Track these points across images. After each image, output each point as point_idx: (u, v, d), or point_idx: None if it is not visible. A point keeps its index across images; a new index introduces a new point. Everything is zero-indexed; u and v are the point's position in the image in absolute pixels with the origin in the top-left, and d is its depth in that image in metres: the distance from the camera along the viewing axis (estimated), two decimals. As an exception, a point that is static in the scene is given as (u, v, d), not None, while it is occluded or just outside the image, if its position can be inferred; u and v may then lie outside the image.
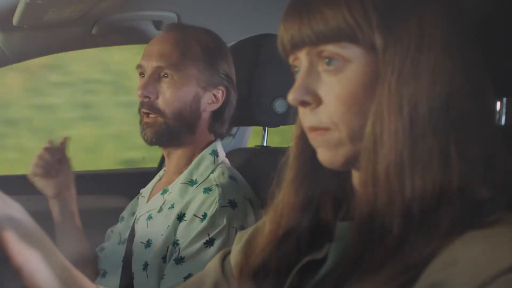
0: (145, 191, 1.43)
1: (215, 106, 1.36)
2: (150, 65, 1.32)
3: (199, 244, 1.20)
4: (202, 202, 1.23)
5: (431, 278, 0.58)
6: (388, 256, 0.61)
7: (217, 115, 1.38)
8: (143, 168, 2.09)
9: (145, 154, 2.11)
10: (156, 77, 1.31)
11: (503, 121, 0.93)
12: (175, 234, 1.24)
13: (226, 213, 1.22)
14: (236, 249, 0.86)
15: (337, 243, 0.72)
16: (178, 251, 1.21)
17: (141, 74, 1.35)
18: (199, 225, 1.21)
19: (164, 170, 1.44)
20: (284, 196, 0.76)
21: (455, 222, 0.60)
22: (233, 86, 1.38)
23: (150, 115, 1.32)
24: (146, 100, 1.31)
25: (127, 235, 1.37)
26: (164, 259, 1.24)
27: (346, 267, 0.65)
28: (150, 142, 1.33)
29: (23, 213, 0.72)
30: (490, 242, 0.57)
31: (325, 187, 0.75)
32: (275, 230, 0.76)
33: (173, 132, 1.32)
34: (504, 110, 0.93)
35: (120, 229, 1.44)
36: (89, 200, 1.81)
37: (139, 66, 1.34)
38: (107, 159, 3.92)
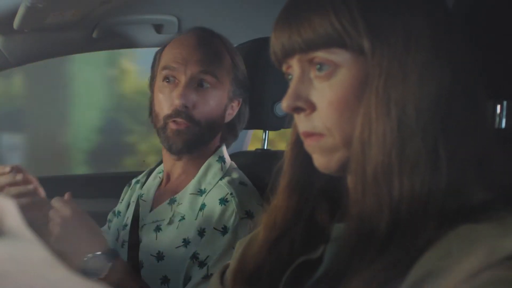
0: (146, 194, 1.39)
1: (230, 117, 1.34)
2: (188, 72, 1.25)
3: (228, 259, 1.18)
4: (221, 214, 1.20)
5: (424, 268, 0.58)
6: (376, 255, 0.62)
7: (230, 125, 1.36)
8: (143, 171, 2.08)
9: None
10: (194, 85, 1.25)
11: (503, 124, 0.93)
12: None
13: (247, 225, 1.19)
14: (235, 256, 0.86)
15: (332, 244, 0.73)
16: (206, 268, 1.17)
17: (167, 78, 1.28)
18: (222, 239, 1.18)
19: (162, 170, 1.40)
20: (278, 200, 0.77)
21: (445, 222, 0.60)
22: (247, 97, 1.36)
23: (182, 123, 1.25)
24: (183, 109, 1.24)
25: (127, 238, 1.36)
26: (184, 275, 1.21)
27: (339, 268, 0.66)
28: (179, 152, 1.27)
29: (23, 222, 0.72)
30: (483, 235, 0.57)
31: (320, 190, 0.75)
32: (269, 234, 0.76)
33: (204, 141, 1.29)
34: (504, 113, 0.93)
35: (116, 225, 1.41)
36: (89, 203, 1.81)
37: (168, 68, 1.27)
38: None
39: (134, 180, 1.49)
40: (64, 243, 1.12)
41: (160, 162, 1.43)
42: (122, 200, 1.47)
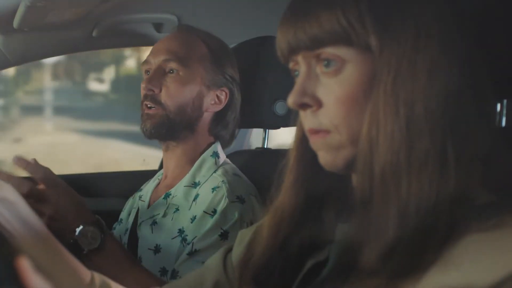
0: (144, 195, 1.42)
1: (217, 107, 1.36)
2: (156, 61, 1.33)
3: (214, 237, 1.19)
4: (211, 199, 1.23)
5: (433, 282, 0.57)
6: (383, 258, 0.61)
7: (219, 117, 1.38)
8: (144, 171, 2.09)
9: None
10: (162, 72, 1.33)
11: (503, 123, 0.93)
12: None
13: (237, 208, 1.22)
14: (238, 249, 0.86)
15: (337, 244, 0.72)
16: (191, 245, 1.20)
17: (147, 71, 1.36)
18: (210, 221, 1.21)
19: (162, 173, 1.43)
20: (284, 199, 0.76)
21: (453, 225, 0.59)
22: (237, 89, 1.39)
23: (152, 108, 1.32)
24: (150, 93, 1.32)
25: (126, 239, 1.37)
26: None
27: (343, 269, 0.65)
28: (149, 134, 1.33)
29: (16, 196, 0.73)
30: (494, 245, 0.57)
31: (326, 190, 0.75)
32: (275, 234, 0.76)
33: (173, 126, 1.32)
34: (504, 111, 0.93)
35: (119, 232, 1.43)
36: (90, 203, 1.81)
37: (145, 63, 1.36)
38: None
39: (137, 191, 1.51)
40: (55, 217, 1.12)
41: (161, 166, 1.45)
42: (125, 209, 1.50)
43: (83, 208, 1.17)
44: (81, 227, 1.13)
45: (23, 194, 1.08)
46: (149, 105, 1.32)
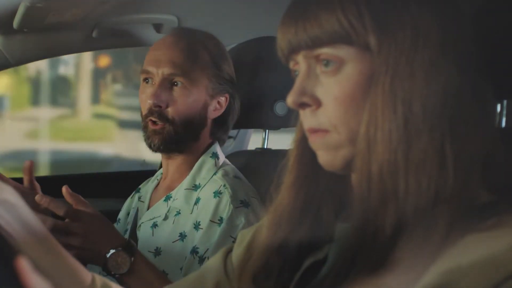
0: (143, 195, 1.42)
1: (218, 113, 1.35)
2: (160, 72, 1.29)
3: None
4: (216, 206, 1.23)
5: (433, 282, 0.57)
6: (382, 257, 0.61)
7: (220, 121, 1.37)
8: (144, 171, 2.09)
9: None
10: (167, 85, 1.29)
11: (503, 124, 0.93)
12: (192, 243, 1.23)
13: (242, 212, 1.22)
14: (238, 250, 0.86)
15: (336, 244, 0.72)
16: (205, 259, 1.19)
17: (146, 80, 1.32)
18: (218, 230, 1.20)
19: (161, 174, 1.42)
20: (283, 199, 0.76)
21: (453, 225, 0.59)
22: (236, 92, 1.38)
23: (158, 123, 1.29)
24: (156, 109, 1.28)
25: None
26: (181, 269, 1.22)
27: (341, 268, 0.65)
28: (157, 150, 1.31)
29: (17, 198, 0.73)
30: (493, 245, 0.57)
31: (325, 189, 0.75)
32: (275, 233, 0.76)
33: (181, 140, 1.31)
34: (504, 112, 0.93)
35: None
36: (90, 203, 1.81)
37: (144, 72, 1.31)
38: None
39: (135, 191, 1.50)
40: (83, 248, 1.11)
41: (161, 166, 1.45)
42: (123, 209, 1.49)
43: (111, 233, 1.15)
44: (111, 252, 1.11)
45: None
46: (155, 121, 1.29)
